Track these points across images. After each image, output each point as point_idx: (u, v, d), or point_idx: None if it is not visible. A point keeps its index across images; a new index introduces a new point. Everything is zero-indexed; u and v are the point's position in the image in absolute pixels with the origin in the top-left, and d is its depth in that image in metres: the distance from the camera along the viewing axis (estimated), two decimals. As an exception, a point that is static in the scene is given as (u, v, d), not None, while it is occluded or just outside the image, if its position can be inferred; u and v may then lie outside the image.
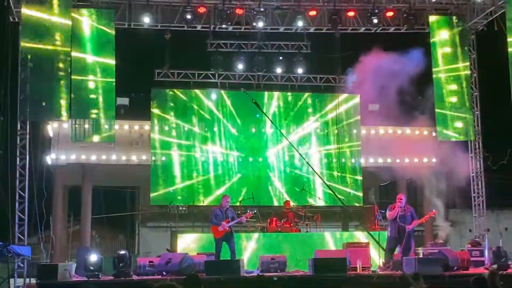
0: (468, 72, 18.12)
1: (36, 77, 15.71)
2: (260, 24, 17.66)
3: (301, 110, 20.37)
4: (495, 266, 14.03)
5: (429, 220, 17.28)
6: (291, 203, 18.38)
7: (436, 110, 17.95)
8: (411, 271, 12.50)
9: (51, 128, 19.33)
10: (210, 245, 15.47)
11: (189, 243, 16.72)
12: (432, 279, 11.71)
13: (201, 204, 19.35)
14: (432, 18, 18.01)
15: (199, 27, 17.96)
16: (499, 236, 16.40)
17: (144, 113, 20.04)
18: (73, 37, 16.30)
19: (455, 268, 13.75)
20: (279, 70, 20.16)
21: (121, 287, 12.76)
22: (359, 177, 20.32)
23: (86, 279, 13.10)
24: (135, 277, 13.44)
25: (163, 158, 19.43)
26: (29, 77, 15.60)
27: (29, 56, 15.69)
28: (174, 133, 19.59)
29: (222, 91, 20.10)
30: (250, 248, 16.60)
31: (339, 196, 18.75)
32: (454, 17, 18.01)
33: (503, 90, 16.98)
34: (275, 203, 19.71)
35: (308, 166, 19.47)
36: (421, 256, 14.95)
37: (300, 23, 17.71)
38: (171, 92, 19.84)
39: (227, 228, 14.49)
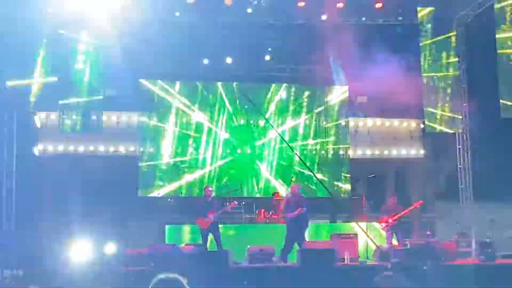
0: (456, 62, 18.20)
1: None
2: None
3: (289, 102, 20.37)
4: (482, 257, 14.14)
5: (416, 211, 17.31)
6: (280, 195, 18.41)
7: (424, 102, 17.98)
8: (397, 261, 12.56)
9: (38, 119, 19.22)
10: (198, 236, 15.48)
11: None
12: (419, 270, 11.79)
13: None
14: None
15: (188, 17, 17.86)
16: (486, 228, 16.48)
17: (132, 104, 19.95)
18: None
19: (442, 259, 13.82)
20: (266, 61, 20.08)
21: (111, 277, 12.70)
22: (347, 169, 20.36)
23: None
24: (123, 268, 13.41)
25: (151, 149, 19.43)
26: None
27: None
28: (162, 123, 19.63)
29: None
30: (238, 240, 16.59)
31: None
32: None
33: (491, 82, 17.04)
34: (262, 195, 19.71)
35: (298, 158, 19.51)
36: (408, 247, 15.00)
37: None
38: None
39: (213, 219, 14.51)
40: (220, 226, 15.06)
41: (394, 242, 15.76)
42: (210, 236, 14.73)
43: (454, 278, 12.66)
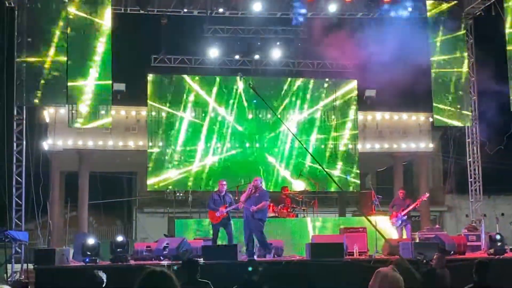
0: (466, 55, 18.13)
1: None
2: (257, 9, 17.57)
3: (297, 96, 20.33)
4: (491, 250, 14.10)
5: (426, 205, 17.30)
6: (289, 189, 18.39)
7: (433, 95, 17.92)
8: (407, 256, 12.54)
9: (47, 114, 19.28)
10: (207, 230, 15.49)
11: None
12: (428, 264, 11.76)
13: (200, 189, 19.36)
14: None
15: (195, 12, 17.85)
16: (495, 221, 16.44)
17: (141, 99, 20.00)
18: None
19: (452, 252, 13.79)
20: (276, 55, 20.08)
21: (119, 272, 12.74)
22: (356, 163, 20.32)
23: (84, 264, 13.11)
24: (132, 262, 13.45)
25: (160, 144, 19.40)
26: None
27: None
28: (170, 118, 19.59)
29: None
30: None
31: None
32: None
33: (500, 75, 16.97)
34: (272, 189, 19.69)
35: (306, 152, 19.46)
36: (417, 240, 14.97)
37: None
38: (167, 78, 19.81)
39: (225, 214, 14.46)
40: (231, 221, 14.99)
41: (404, 236, 15.72)
42: (221, 230, 14.69)
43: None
